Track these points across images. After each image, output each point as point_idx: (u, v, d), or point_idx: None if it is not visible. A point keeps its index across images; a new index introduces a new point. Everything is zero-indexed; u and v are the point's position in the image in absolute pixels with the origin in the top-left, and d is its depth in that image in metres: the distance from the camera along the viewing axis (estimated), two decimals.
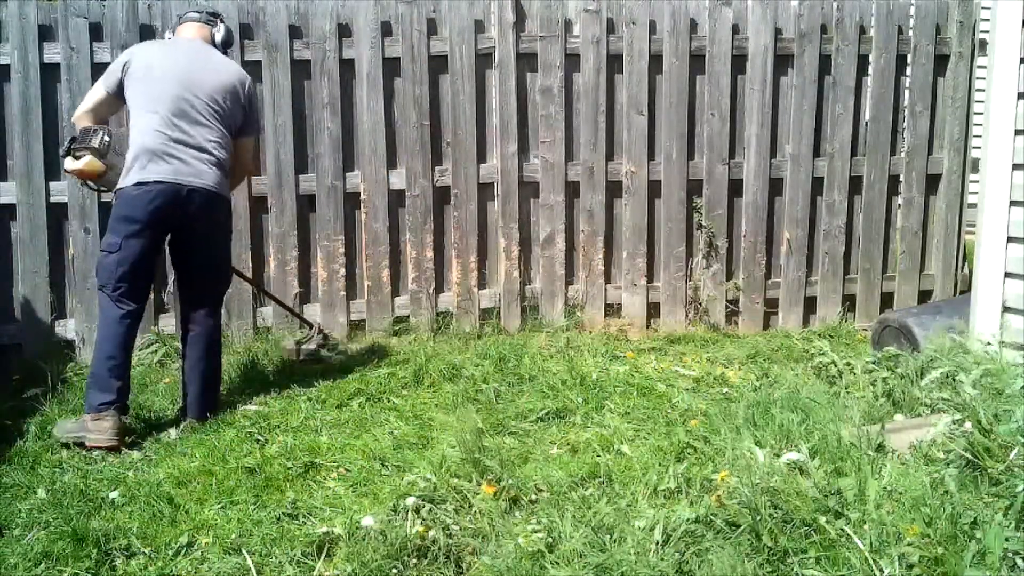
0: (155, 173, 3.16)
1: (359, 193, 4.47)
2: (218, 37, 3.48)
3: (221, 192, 3.32)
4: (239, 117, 3.41)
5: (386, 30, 4.41)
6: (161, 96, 3.21)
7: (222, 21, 3.53)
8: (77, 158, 3.21)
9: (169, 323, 4.31)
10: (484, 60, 4.50)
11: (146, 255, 3.22)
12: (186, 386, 3.36)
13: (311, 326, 4.21)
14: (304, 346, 4.06)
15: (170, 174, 3.18)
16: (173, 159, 3.19)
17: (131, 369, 3.25)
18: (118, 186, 3.21)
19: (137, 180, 3.15)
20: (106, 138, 3.22)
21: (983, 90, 3.73)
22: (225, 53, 3.52)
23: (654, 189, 4.66)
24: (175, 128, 3.20)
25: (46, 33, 4.16)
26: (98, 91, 3.31)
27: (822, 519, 2.07)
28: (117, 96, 3.29)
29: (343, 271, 4.48)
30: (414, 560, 2.17)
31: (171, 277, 4.30)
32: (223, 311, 4.36)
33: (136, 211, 3.16)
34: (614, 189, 4.66)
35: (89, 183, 3.35)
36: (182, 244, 3.36)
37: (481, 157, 4.55)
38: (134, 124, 3.24)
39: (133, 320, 3.21)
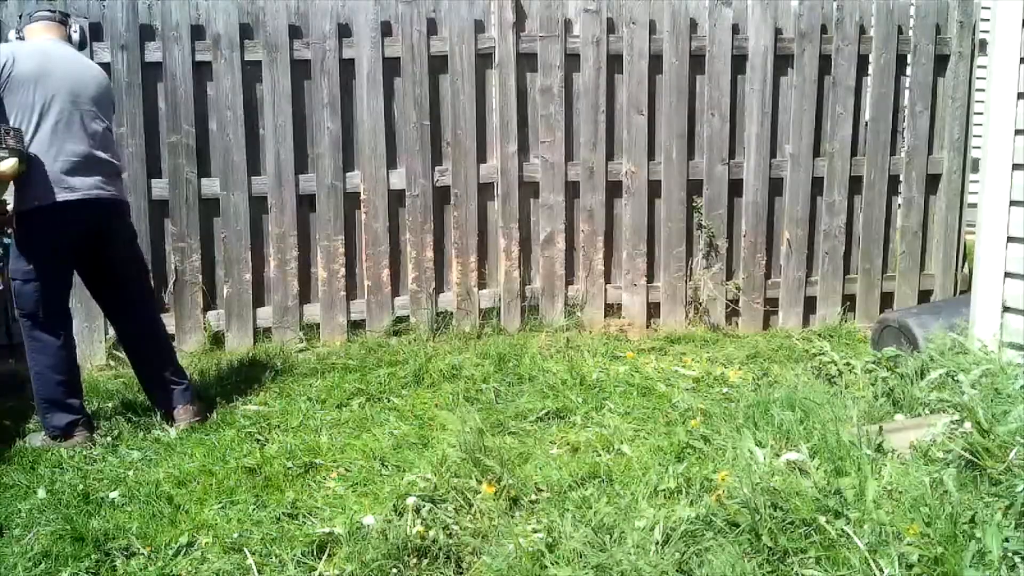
0: (63, 193, 3.02)
1: (359, 193, 4.47)
2: (75, 37, 3.29)
3: (125, 197, 3.34)
4: (112, 116, 3.37)
5: (386, 30, 4.41)
6: (52, 108, 3.04)
7: (68, 16, 3.32)
8: None
9: (169, 323, 4.30)
10: (484, 60, 4.50)
11: (67, 275, 3.18)
12: (157, 385, 3.32)
13: None
14: None
15: (79, 191, 3.06)
16: (77, 174, 3.06)
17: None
18: (21, 207, 3.01)
19: (46, 202, 3.00)
20: (24, 138, 2.99)
21: (983, 90, 3.73)
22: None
23: (654, 189, 4.66)
24: (74, 140, 3.07)
25: None
26: None
27: (822, 519, 2.07)
28: None
29: (343, 271, 4.48)
30: (414, 560, 2.17)
31: (171, 278, 4.32)
32: (223, 311, 4.39)
33: (50, 233, 3.03)
34: (614, 189, 4.66)
35: None
36: (103, 255, 3.25)
37: (481, 157, 4.55)
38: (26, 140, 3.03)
39: (70, 337, 3.20)
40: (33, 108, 3.03)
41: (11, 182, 2.99)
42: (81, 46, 3.34)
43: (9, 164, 2.90)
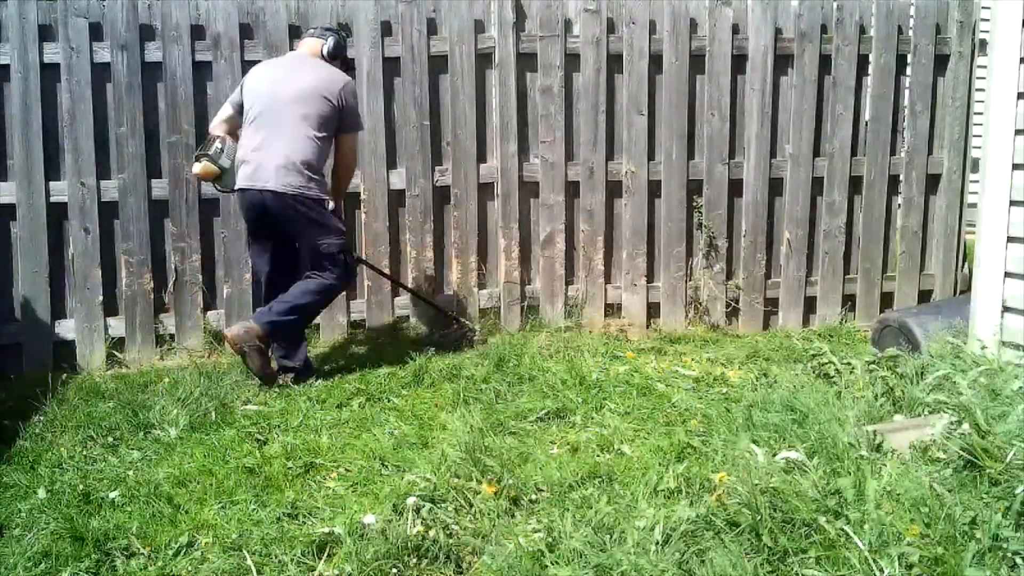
0: (241, 180, 3.68)
1: (359, 193, 4.46)
2: (325, 49, 3.83)
3: (296, 191, 3.62)
4: (333, 119, 3.72)
5: (386, 30, 4.41)
6: (252, 109, 3.70)
7: (336, 34, 3.89)
8: (197, 163, 3.77)
9: (169, 323, 4.31)
10: (484, 60, 4.50)
11: (261, 250, 3.80)
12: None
13: (447, 316, 4.50)
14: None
15: (249, 180, 3.65)
16: (252, 166, 3.64)
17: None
18: None
19: (234, 187, 3.75)
20: (219, 145, 3.75)
21: (983, 90, 3.73)
22: (342, 63, 3.90)
23: (654, 189, 4.66)
24: (257, 137, 3.65)
25: (46, 33, 4.15)
26: (226, 108, 3.87)
27: (822, 519, 2.07)
28: (239, 112, 3.79)
29: None
30: (414, 560, 2.17)
31: (171, 278, 4.31)
32: (223, 311, 4.39)
33: (241, 213, 3.85)
34: (614, 189, 4.66)
35: (214, 185, 3.86)
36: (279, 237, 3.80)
37: (481, 157, 4.55)
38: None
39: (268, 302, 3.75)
40: (244, 112, 3.76)
41: (216, 179, 3.79)
42: (332, 56, 3.85)
43: (201, 166, 3.74)
